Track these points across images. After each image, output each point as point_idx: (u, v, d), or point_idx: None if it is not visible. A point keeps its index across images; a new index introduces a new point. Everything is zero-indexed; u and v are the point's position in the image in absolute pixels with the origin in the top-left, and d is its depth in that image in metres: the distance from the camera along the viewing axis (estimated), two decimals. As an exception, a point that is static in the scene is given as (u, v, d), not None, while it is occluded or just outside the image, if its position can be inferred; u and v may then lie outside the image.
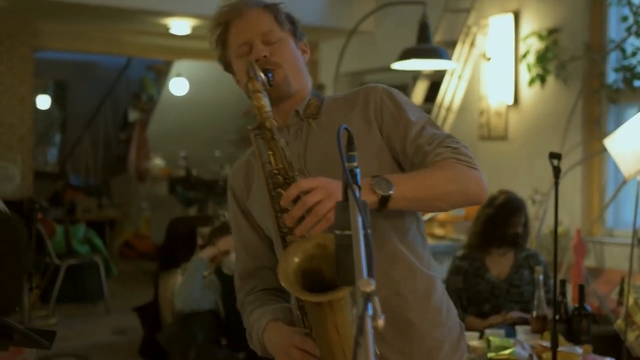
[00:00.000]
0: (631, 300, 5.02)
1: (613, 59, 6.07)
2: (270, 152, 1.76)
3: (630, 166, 4.18)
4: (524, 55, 6.43)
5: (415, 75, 7.91)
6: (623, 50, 5.84)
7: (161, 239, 10.98)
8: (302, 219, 1.65)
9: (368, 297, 1.21)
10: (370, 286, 1.21)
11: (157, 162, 10.75)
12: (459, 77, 6.88)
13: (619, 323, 4.98)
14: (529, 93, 6.52)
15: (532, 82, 6.37)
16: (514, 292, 4.20)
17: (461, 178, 1.83)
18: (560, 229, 6.09)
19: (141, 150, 10.79)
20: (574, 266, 5.59)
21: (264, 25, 1.96)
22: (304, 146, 1.94)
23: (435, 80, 7.33)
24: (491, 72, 6.80)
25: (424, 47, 5.32)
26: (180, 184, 9.64)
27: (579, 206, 6.09)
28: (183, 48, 9.86)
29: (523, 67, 6.51)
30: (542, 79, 6.30)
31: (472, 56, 6.90)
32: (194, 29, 8.14)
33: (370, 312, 1.21)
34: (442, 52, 5.51)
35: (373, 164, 1.89)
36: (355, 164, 1.42)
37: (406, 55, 5.45)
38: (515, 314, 4.06)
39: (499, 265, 4.24)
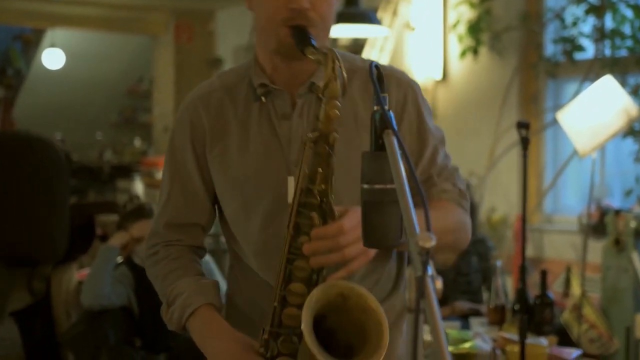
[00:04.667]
0: (579, 292, 5.17)
1: (551, 29, 6.21)
2: (320, 169, 1.65)
3: (585, 142, 4.28)
4: (454, 25, 6.50)
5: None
6: (562, 20, 5.98)
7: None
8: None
9: (428, 254, 1.16)
10: (431, 241, 1.15)
11: (28, 146, 10.39)
12: (381, 49, 6.90)
13: (566, 316, 5.12)
14: (459, 67, 6.59)
15: (463, 54, 6.45)
16: (461, 281, 4.24)
17: (459, 230, 1.91)
18: (496, 216, 6.20)
19: (6, 133, 10.41)
20: (515, 256, 5.69)
21: None
22: (308, 127, 1.80)
23: (353, 52, 7.33)
24: (416, 43, 6.85)
25: (352, 11, 5.29)
26: (58, 170, 9.36)
27: (515, 191, 6.21)
28: (57, 14, 9.55)
29: (452, 38, 6.58)
30: (474, 51, 6.38)
31: (395, 26, 6.93)
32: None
33: (429, 272, 1.16)
34: (372, 16, 5.50)
35: None
36: (386, 107, 1.35)
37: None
38: (465, 305, 4.09)
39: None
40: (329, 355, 1.56)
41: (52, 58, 10.34)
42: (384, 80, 1.40)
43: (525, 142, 3.15)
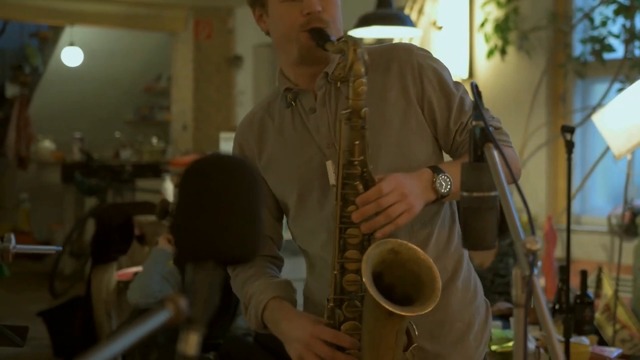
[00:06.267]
0: (610, 292, 5.33)
1: (580, 29, 6.36)
2: (357, 142, 1.89)
3: (621, 145, 4.43)
4: (481, 25, 6.65)
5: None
6: (591, 20, 6.13)
7: (44, 235, 10.83)
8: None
9: (534, 255, 1.33)
10: (537, 244, 1.33)
11: (47, 144, 10.53)
12: (407, 48, 7.05)
13: (598, 317, 5.28)
14: (486, 66, 6.74)
15: (490, 54, 6.60)
16: (499, 283, 4.39)
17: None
18: (525, 217, 6.35)
19: (22, 132, 10.55)
20: (545, 257, 5.85)
21: None
22: (333, 113, 2.06)
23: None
24: (443, 42, 7.00)
25: (386, 13, 5.47)
26: (79, 170, 9.48)
27: (543, 192, 6.37)
28: (75, 11, 9.69)
29: (480, 37, 6.73)
30: (501, 50, 6.53)
31: (421, 25, 7.09)
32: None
33: (535, 271, 1.34)
34: (406, 18, 5.67)
35: (416, 143, 2.06)
36: (482, 122, 1.53)
37: (365, 21, 5.58)
38: (503, 305, 4.24)
39: (482, 253, 4.42)
40: (391, 302, 1.77)
41: (71, 56, 10.51)
42: (481, 95, 1.58)
43: (570, 146, 3.31)
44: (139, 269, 4.61)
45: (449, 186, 1.91)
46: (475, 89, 1.53)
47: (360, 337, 1.91)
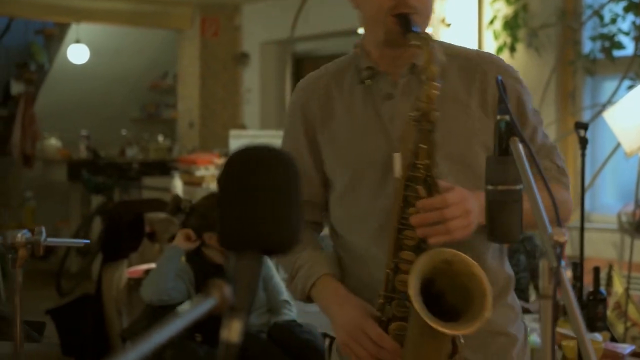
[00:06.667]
0: (621, 290, 5.36)
1: (589, 26, 6.38)
2: (424, 146, 1.88)
3: (632, 142, 4.46)
4: (491, 22, 6.68)
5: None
6: (601, 17, 6.16)
7: (49, 233, 10.81)
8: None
9: (561, 247, 1.36)
10: (564, 236, 1.36)
11: (53, 142, 10.56)
12: (415, 45, 7.08)
13: (608, 314, 5.31)
14: (495, 64, 6.77)
15: (499, 51, 6.62)
16: (511, 280, 4.43)
17: (560, 207, 2.08)
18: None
19: (27, 129, 10.57)
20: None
21: None
22: (410, 105, 2.01)
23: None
24: (452, 40, 7.01)
25: (395, 10, 5.49)
26: (85, 168, 9.52)
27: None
28: (81, 9, 9.72)
29: (489, 34, 6.76)
30: (511, 47, 6.56)
31: (429, 22, 7.11)
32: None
33: (562, 263, 1.36)
34: (416, 15, 5.69)
35: (481, 157, 2.01)
36: (507, 116, 1.55)
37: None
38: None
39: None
40: (435, 317, 1.78)
41: (77, 53, 10.53)
42: (506, 91, 1.61)
43: (583, 142, 3.34)
44: (150, 266, 4.64)
45: None
46: (500, 84, 1.56)
47: (404, 340, 1.92)
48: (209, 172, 6.73)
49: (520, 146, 1.49)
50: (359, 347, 1.97)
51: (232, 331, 0.97)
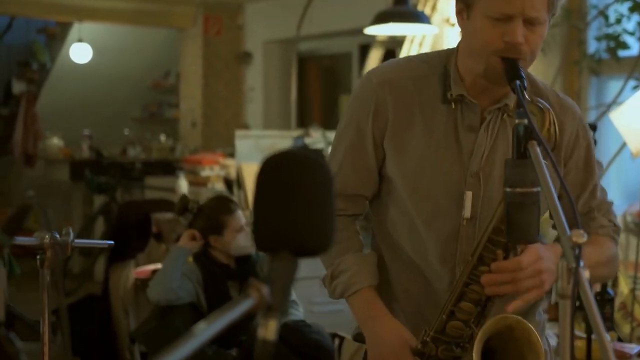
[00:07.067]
0: (626, 290, 5.40)
1: (594, 26, 6.43)
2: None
3: (638, 142, 4.51)
4: (495, 21, 6.71)
5: (362, 42, 8.11)
6: (606, 17, 6.20)
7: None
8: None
9: (580, 248, 1.40)
10: (583, 237, 1.40)
11: (55, 141, 10.59)
12: (420, 44, 7.12)
13: (615, 315, 5.35)
14: (500, 64, 6.81)
15: (504, 51, 6.66)
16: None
17: (611, 263, 2.16)
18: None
19: (29, 129, 10.61)
20: (561, 254, 5.92)
21: (537, 3, 1.93)
22: (490, 144, 2.02)
23: (390, 49, 7.55)
24: (456, 39, 7.04)
25: (402, 10, 5.54)
26: (88, 167, 9.55)
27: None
28: (83, 8, 9.77)
29: (494, 34, 6.79)
30: (516, 47, 6.59)
31: (434, 21, 7.14)
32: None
33: (581, 264, 1.41)
34: (422, 15, 5.74)
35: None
36: (525, 120, 1.60)
37: (382, 18, 5.65)
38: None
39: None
40: None
41: (80, 52, 10.58)
42: (525, 95, 1.64)
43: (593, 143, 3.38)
44: (156, 266, 4.69)
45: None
46: (519, 88, 1.60)
47: None
48: (214, 172, 6.76)
49: (539, 149, 1.53)
50: None
51: (269, 330, 1.01)
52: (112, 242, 2.56)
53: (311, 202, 1.05)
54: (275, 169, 1.07)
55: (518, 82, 1.78)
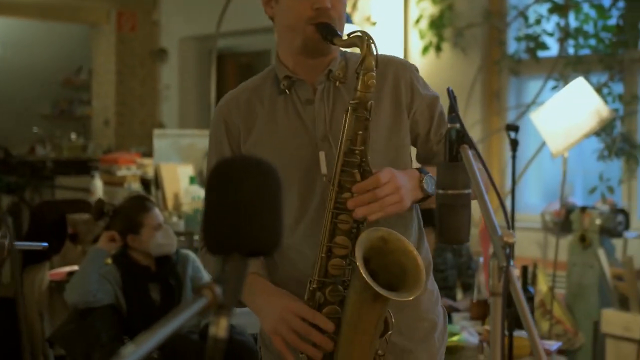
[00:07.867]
0: (545, 289, 5.59)
1: (514, 27, 6.62)
2: (360, 132, 2.08)
3: (558, 143, 4.69)
4: (416, 21, 6.86)
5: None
6: (526, 18, 6.40)
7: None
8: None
9: (511, 248, 1.50)
10: (513, 237, 1.49)
11: (-41, 140, 10.39)
12: (340, 43, 7.21)
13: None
14: (421, 63, 6.93)
15: (425, 50, 6.81)
16: (438, 278, 4.58)
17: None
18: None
19: None
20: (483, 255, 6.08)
21: None
22: (330, 110, 2.24)
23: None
24: (377, 38, 7.16)
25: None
26: (-5, 167, 9.41)
27: (478, 188, 6.59)
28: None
29: (414, 33, 6.93)
30: (436, 47, 6.75)
31: (354, 20, 7.25)
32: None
33: (511, 262, 1.50)
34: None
35: (402, 149, 2.28)
36: (457, 125, 1.69)
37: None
38: (446, 301, 4.45)
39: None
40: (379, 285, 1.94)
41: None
42: (456, 99, 1.74)
43: (514, 144, 3.52)
44: (72, 268, 4.68)
45: (433, 186, 2.08)
46: (451, 93, 1.69)
47: (338, 320, 2.06)
48: (130, 172, 6.75)
49: (470, 153, 1.62)
50: (289, 332, 2.08)
51: (220, 327, 1.07)
52: (46, 244, 2.57)
53: (257, 205, 1.12)
54: (224, 174, 1.14)
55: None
